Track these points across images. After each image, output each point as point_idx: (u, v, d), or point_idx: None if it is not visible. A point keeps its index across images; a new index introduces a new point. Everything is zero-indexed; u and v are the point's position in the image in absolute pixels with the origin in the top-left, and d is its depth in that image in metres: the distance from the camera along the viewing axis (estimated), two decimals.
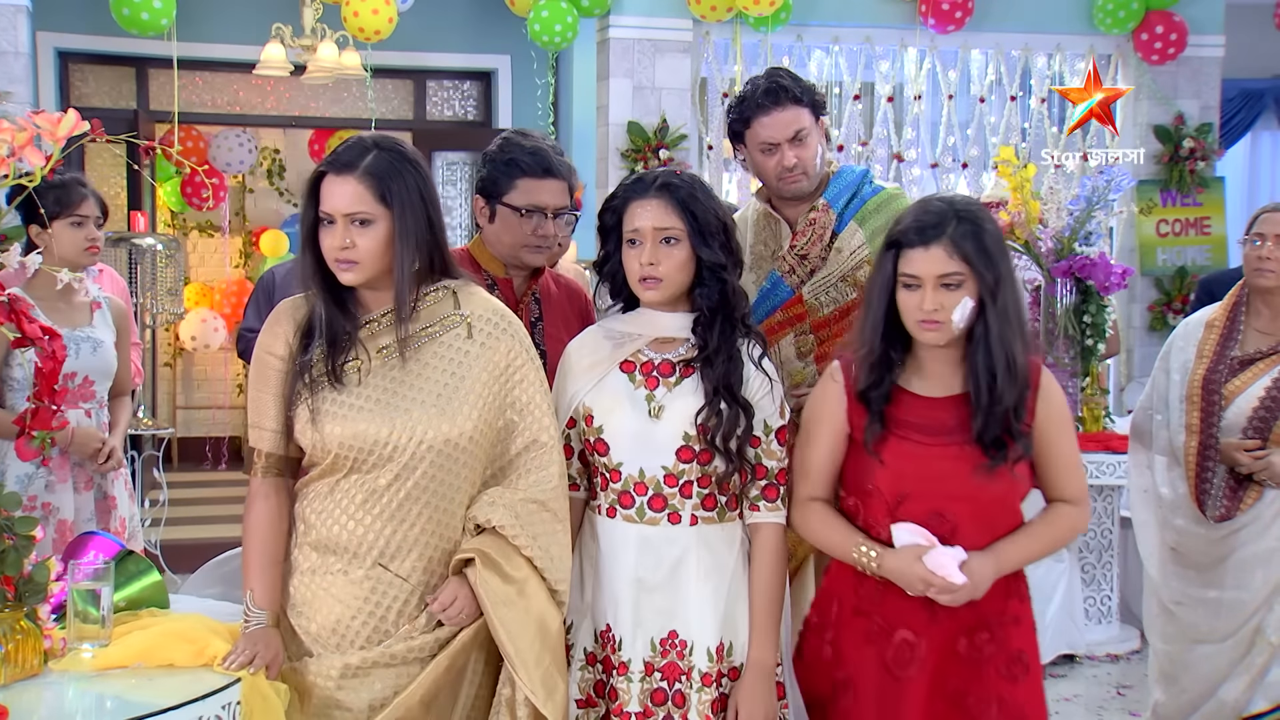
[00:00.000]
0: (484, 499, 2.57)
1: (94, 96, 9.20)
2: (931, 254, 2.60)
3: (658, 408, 2.67)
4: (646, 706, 2.66)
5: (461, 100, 9.84)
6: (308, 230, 2.56)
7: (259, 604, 2.54)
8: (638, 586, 2.67)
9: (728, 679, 2.69)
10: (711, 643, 2.67)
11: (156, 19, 7.06)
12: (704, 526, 2.70)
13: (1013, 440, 2.64)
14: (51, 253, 4.00)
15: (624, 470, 2.68)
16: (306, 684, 2.50)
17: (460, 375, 2.56)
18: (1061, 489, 2.79)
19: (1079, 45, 8.51)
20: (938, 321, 2.60)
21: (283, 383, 2.54)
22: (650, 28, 7.90)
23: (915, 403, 2.71)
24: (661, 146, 7.84)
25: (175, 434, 9.67)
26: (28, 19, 7.33)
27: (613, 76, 7.90)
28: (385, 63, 8.84)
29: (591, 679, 2.72)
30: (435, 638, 2.54)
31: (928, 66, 8.45)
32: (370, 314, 2.58)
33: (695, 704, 2.65)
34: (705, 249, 2.67)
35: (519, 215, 3.10)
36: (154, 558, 6.58)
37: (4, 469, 3.97)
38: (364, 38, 7.41)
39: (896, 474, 2.67)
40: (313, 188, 2.55)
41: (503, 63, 9.39)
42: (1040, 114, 8.62)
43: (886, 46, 8.38)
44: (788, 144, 3.24)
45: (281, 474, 2.58)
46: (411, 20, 8.14)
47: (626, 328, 2.74)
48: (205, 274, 10.70)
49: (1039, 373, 2.73)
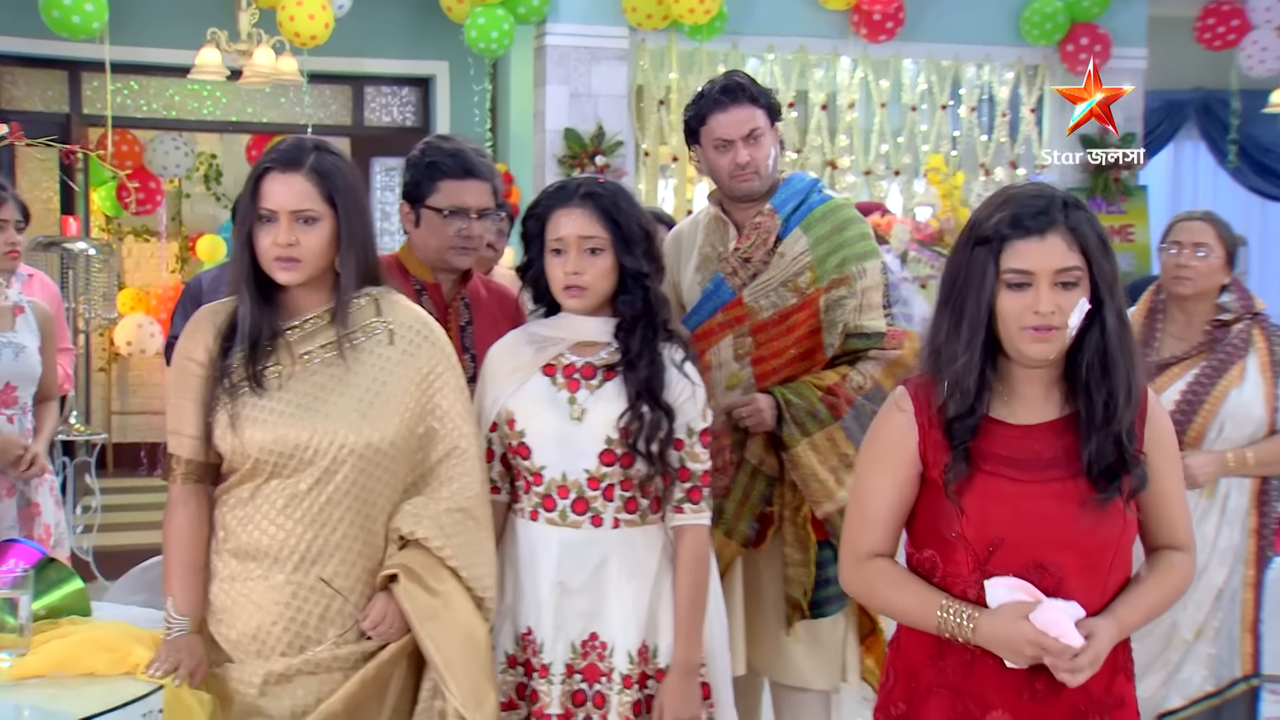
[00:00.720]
0: (408, 510, 2.53)
1: (25, 100, 9.02)
2: (1049, 244, 2.15)
3: (580, 411, 2.65)
4: (567, 708, 2.64)
5: (400, 106, 9.75)
6: (247, 228, 2.50)
7: (180, 611, 2.49)
8: (559, 590, 2.65)
9: (653, 680, 2.67)
10: (633, 645, 2.66)
11: (88, 22, 6.94)
12: (626, 529, 2.67)
13: (1126, 471, 2.19)
14: None
15: (546, 474, 2.65)
16: (229, 691, 2.46)
17: (382, 381, 2.53)
18: (1169, 533, 2.31)
19: (1007, 56, 8.57)
20: (1053, 328, 2.15)
21: (202, 388, 2.49)
22: (587, 35, 7.88)
23: (1004, 432, 2.24)
24: (598, 153, 7.81)
25: (110, 439, 9.50)
26: None
27: (549, 83, 7.86)
28: (323, 68, 8.74)
29: (513, 681, 2.69)
30: (361, 649, 2.51)
31: (860, 76, 8.47)
32: (296, 318, 2.53)
33: (615, 705, 2.64)
34: (628, 257, 2.66)
35: (442, 217, 3.08)
36: (85, 564, 6.48)
37: None
38: (300, 43, 7.33)
39: (986, 518, 2.20)
40: (254, 186, 2.49)
41: (441, 69, 9.30)
42: (970, 123, 8.66)
43: (820, 56, 8.40)
44: (741, 142, 3.23)
45: (201, 480, 2.53)
46: (349, 26, 8.06)
47: (548, 332, 2.71)
48: (141, 279, 10.55)
49: (1144, 390, 2.27)
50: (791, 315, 3.26)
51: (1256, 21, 8.34)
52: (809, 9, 8.19)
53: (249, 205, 2.49)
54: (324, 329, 2.53)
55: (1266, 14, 8.27)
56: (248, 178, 2.53)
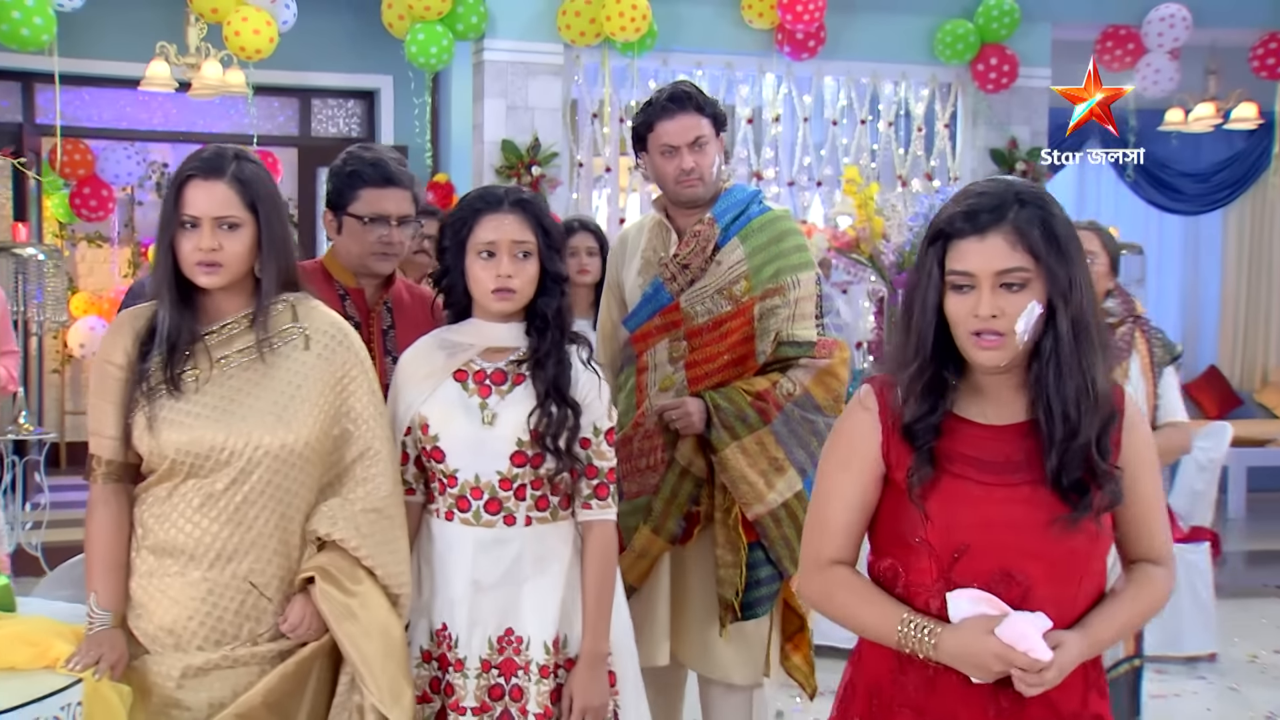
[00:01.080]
0: (324, 513, 2.51)
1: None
2: (989, 244, 1.95)
3: (491, 415, 2.63)
4: (484, 702, 2.62)
5: (345, 118, 9.71)
6: (169, 235, 2.46)
7: (102, 605, 2.46)
8: (474, 587, 2.63)
9: (564, 670, 2.66)
10: (548, 637, 2.64)
11: (37, 35, 6.82)
12: (538, 526, 2.66)
13: (1097, 484, 1.99)
14: None
15: (460, 476, 2.63)
16: (148, 684, 2.43)
17: (297, 385, 2.50)
18: (1147, 546, 2.12)
19: (922, 74, 8.62)
20: (998, 334, 1.95)
21: (121, 391, 2.45)
22: (523, 51, 7.84)
23: (973, 432, 2.05)
24: (534, 164, 7.79)
25: (63, 439, 9.39)
26: None
27: (487, 97, 7.83)
28: (271, 81, 8.68)
29: (427, 676, 2.67)
30: (279, 647, 2.49)
31: (784, 91, 8.50)
32: (215, 323, 2.50)
33: (534, 695, 2.62)
34: (553, 262, 2.66)
35: (363, 224, 3.05)
36: (34, 559, 6.40)
37: None
38: (245, 56, 7.25)
39: (951, 523, 2.00)
40: (176, 194, 2.45)
41: (385, 82, 9.28)
42: (888, 137, 8.70)
43: (746, 72, 8.43)
44: (687, 148, 3.21)
45: (121, 480, 2.50)
46: (296, 40, 8.00)
47: (459, 338, 2.69)
48: (94, 283, 10.40)
49: (1123, 399, 2.07)
50: (725, 322, 3.25)
51: (1150, 45, 8.44)
52: (735, 28, 8.20)
53: (171, 212, 2.45)
54: (242, 334, 2.50)
55: (1159, 39, 8.37)
56: (169, 185, 2.49)
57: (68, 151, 8.74)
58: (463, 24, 7.56)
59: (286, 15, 7.38)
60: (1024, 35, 8.45)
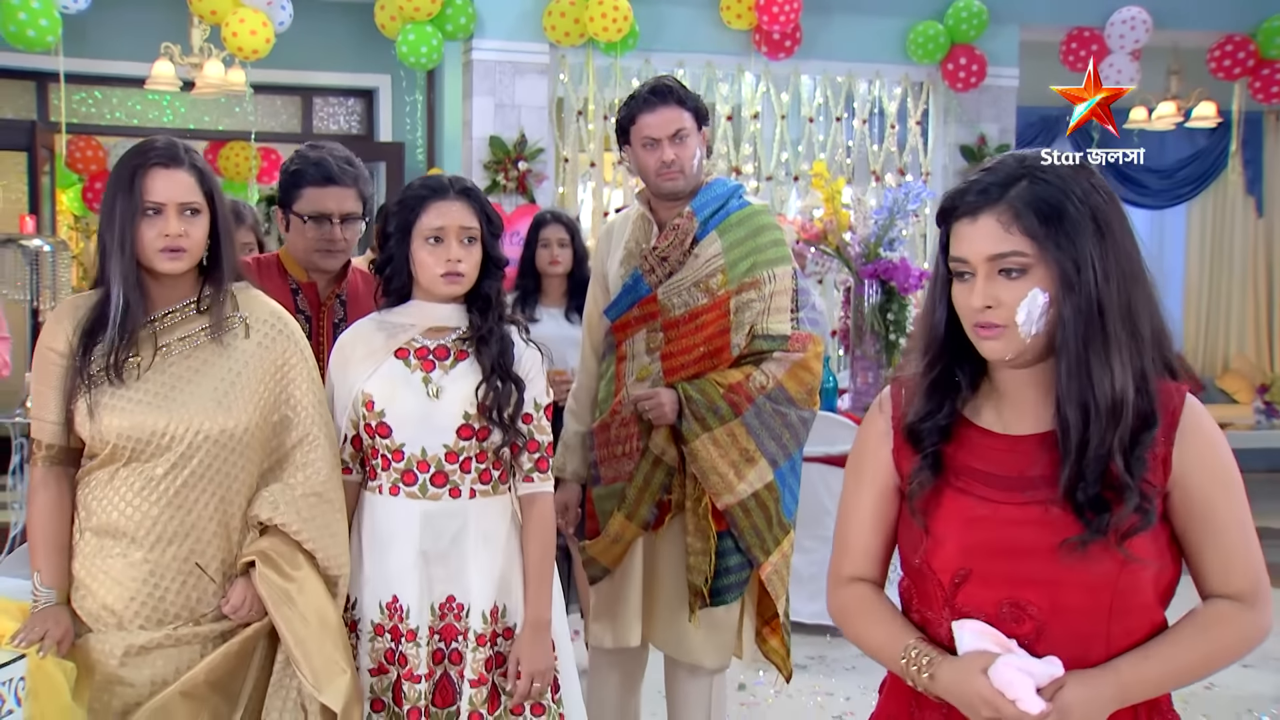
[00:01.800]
0: (266, 498, 2.46)
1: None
2: (980, 227, 1.65)
3: (436, 389, 2.57)
4: (430, 668, 2.57)
5: (346, 115, 9.64)
6: (130, 223, 2.37)
7: (46, 584, 2.41)
8: (422, 558, 2.57)
9: (502, 638, 2.61)
10: (486, 606, 2.59)
11: (43, 35, 6.78)
12: (481, 499, 2.61)
13: (1121, 502, 1.62)
14: None
15: (406, 450, 2.57)
16: (91, 661, 2.37)
17: (237, 372, 2.44)
18: (1220, 580, 1.69)
19: (895, 73, 8.54)
20: (998, 325, 1.65)
21: (63, 377, 2.39)
22: (510, 50, 7.77)
23: (987, 443, 1.73)
24: (520, 159, 7.72)
25: None
26: None
27: (476, 95, 7.76)
28: (273, 80, 8.64)
29: (381, 648, 2.61)
30: (221, 627, 2.44)
31: (762, 90, 8.41)
32: (157, 311, 2.44)
33: (470, 662, 2.57)
34: (495, 247, 2.62)
35: (304, 222, 2.98)
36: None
37: None
38: (244, 56, 7.19)
39: (951, 544, 1.70)
40: (131, 182, 2.37)
41: (383, 81, 9.23)
42: (862, 133, 8.62)
43: (726, 71, 8.34)
44: (668, 141, 3.14)
45: (62, 463, 2.44)
46: (297, 41, 7.96)
47: (400, 319, 2.63)
48: None
49: (1180, 404, 1.67)
50: (701, 315, 3.17)
51: (1113, 46, 8.35)
52: (715, 28, 8.12)
53: (129, 201, 2.37)
54: (185, 321, 2.44)
55: (1121, 40, 8.29)
56: (117, 176, 2.40)
57: (80, 148, 8.71)
58: (451, 25, 7.49)
59: (283, 16, 7.30)
60: (992, 36, 8.36)
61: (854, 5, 8.31)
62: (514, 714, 2.61)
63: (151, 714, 2.35)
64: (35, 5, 6.76)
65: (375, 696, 2.57)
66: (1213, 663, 1.70)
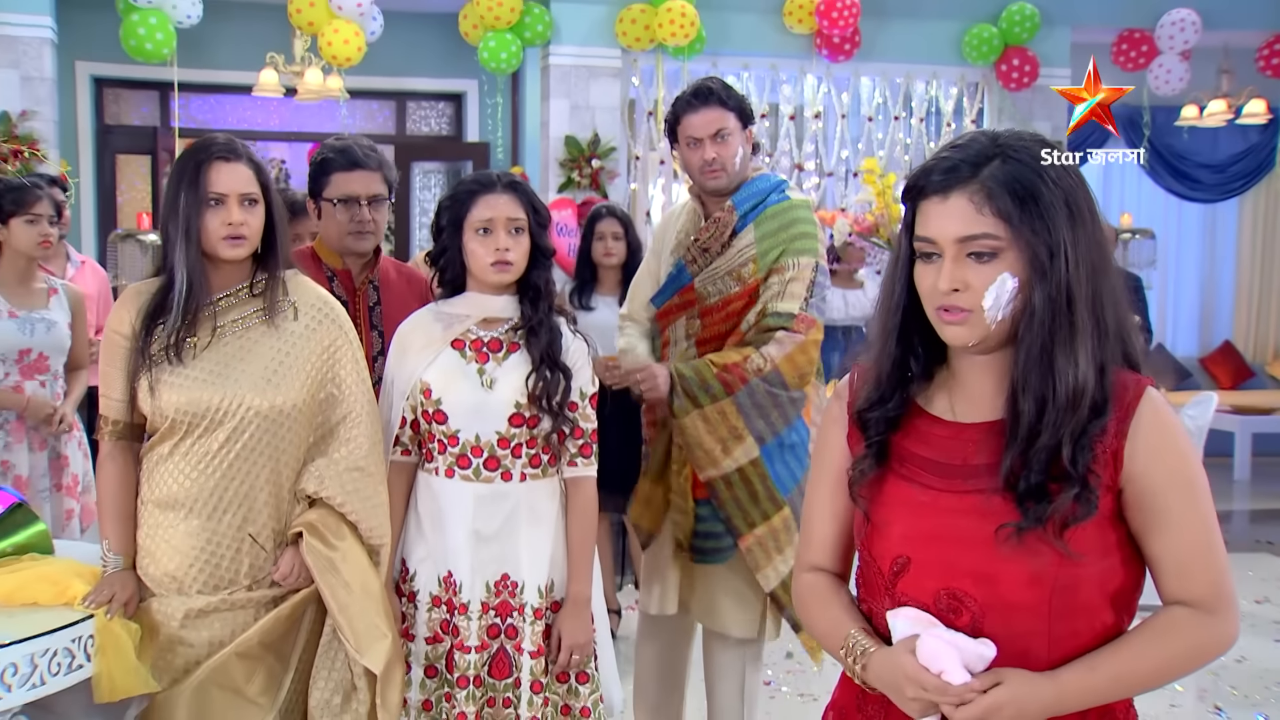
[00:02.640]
0: (312, 473, 2.48)
1: (123, 115, 9.09)
2: (951, 206, 1.46)
3: (489, 380, 2.57)
4: (484, 640, 2.57)
5: (437, 118, 9.71)
6: (195, 213, 2.39)
7: (115, 550, 2.45)
8: (475, 538, 2.57)
9: (551, 612, 2.61)
10: (541, 581, 2.59)
11: (159, 48, 6.94)
12: (531, 482, 2.60)
13: (1062, 491, 1.45)
14: (10, 245, 3.92)
15: (461, 436, 2.57)
16: (155, 623, 2.42)
17: (285, 352, 2.46)
18: (1174, 583, 1.49)
19: (951, 74, 8.40)
20: (963, 310, 1.48)
21: (126, 358, 2.43)
22: (585, 56, 7.78)
23: (933, 429, 1.57)
24: (594, 157, 7.74)
25: None
26: (52, 50, 7.23)
27: (553, 97, 7.78)
28: (370, 86, 8.72)
29: (437, 619, 2.61)
30: (272, 593, 2.47)
31: (824, 91, 8.33)
32: (217, 294, 2.46)
33: (528, 635, 2.57)
34: (543, 237, 2.62)
35: (334, 206, 2.99)
36: None
37: None
38: (338, 64, 7.29)
39: (890, 531, 1.56)
40: (195, 174, 2.40)
41: (471, 86, 9.27)
42: (920, 131, 8.50)
43: (789, 73, 8.27)
44: (710, 140, 3.09)
45: (127, 438, 2.48)
46: (392, 49, 8.05)
47: (455, 310, 2.63)
48: None
49: (1137, 397, 1.48)
50: (732, 302, 3.13)
51: (1163, 47, 8.13)
52: (778, 33, 8.05)
53: (193, 192, 2.38)
54: (239, 305, 2.47)
55: (1171, 41, 8.07)
56: (181, 170, 2.43)
57: None
58: (530, 32, 7.51)
59: (374, 27, 7.39)
60: (1044, 38, 8.19)
61: (911, 9, 8.18)
62: (560, 681, 2.62)
63: (210, 672, 2.39)
64: (152, 21, 6.92)
65: (429, 663, 2.58)
66: (1166, 672, 1.50)
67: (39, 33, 7.13)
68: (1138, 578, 1.54)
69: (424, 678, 2.58)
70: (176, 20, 7.05)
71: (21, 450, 3.90)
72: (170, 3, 6.99)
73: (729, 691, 3.25)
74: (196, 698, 2.39)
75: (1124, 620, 1.54)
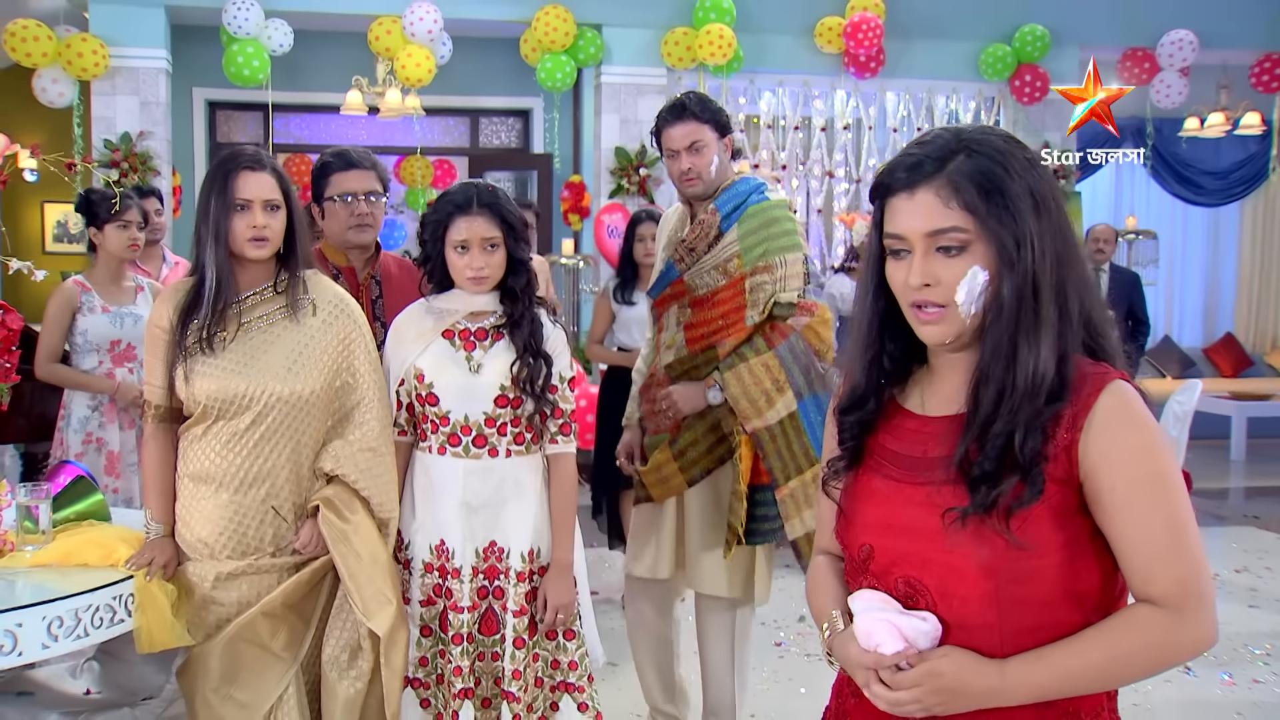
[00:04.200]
0: (330, 453, 2.45)
1: (232, 133, 9.19)
2: (918, 202, 1.33)
3: (476, 365, 2.53)
4: (474, 601, 2.54)
5: (506, 132, 9.70)
6: (223, 218, 2.39)
7: (156, 519, 2.45)
8: (465, 508, 2.53)
9: (536, 575, 2.57)
10: (524, 548, 2.55)
11: (255, 74, 7.01)
12: (515, 458, 2.56)
13: (1011, 477, 1.30)
14: (104, 248, 3.96)
15: (451, 416, 2.53)
16: (189, 584, 2.42)
17: (305, 344, 2.44)
18: (1138, 580, 1.30)
19: (969, 89, 8.20)
20: (938, 305, 1.34)
21: (165, 349, 2.42)
22: (633, 75, 7.71)
23: (905, 423, 1.44)
24: (641, 166, 7.67)
25: None
26: (166, 78, 7.32)
27: (604, 113, 7.72)
28: (447, 104, 8.74)
29: (430, 583, 2.58)
30: (294, 560, 2.45)
31: (852, 104, 8.18)
32: (244, 292, 2.44)
33: (512, 595, 2.54)
34: (517, 249, 2.55)
35: (335, 203, 2.96)
36: None
37: (69, 412, 3.95)
38: (411, 84, 7.29)
39: (856, 519, 1.45)
40: (224, 182, 2.39)
41: (537, 103, 9.24)
42: None
43: (820, 89, 8.13)
44: (685, 152, 3.01)
45: (167, 420, 2.47)
46: (466, 71, 8.07)
47: (445, 305, 2.59)
48: None
49: (1096, 391, 1.31)
50: (720, 293, 3.05)
51: (1164, 64, 7.86)
52: (809, 52, 7.92)
53: (222, 199, 2.38)
54: (263, 302, 2.45)
55: (1170, 59, 7.80)
56: (211, 179, 2.42)
57: (295, 165, 8.95)
58: (583, 54, 7.47)
59: (443, 51, 7.38)
60: (1055, 56, 7.97)
61: (931, 30, 8.00)
62: (548, 638, 2.59)
63: (239, 628, 2.38)
64: (249, 50, 6.98)
65: (425, 624, 2.55)
66: (1123, 670, 1.30)
67: (155, 63, 7.23)
68: (1107, 576, 1.34)
69: (420, 636, 2.55)
70: (270, 48, 7.11)
71: (113, 429, 3.94)
72: (265, 33, 7.05)
73: (719, 652, 3.18)
74: (227, 650, 2.38)
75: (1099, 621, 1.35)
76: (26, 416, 4.36)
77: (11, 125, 8.58)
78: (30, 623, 2.16)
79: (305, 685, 2.47)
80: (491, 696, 2.54)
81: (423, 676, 2.54)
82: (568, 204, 8.22)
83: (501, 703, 2.51)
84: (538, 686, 2.56)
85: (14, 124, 8.60)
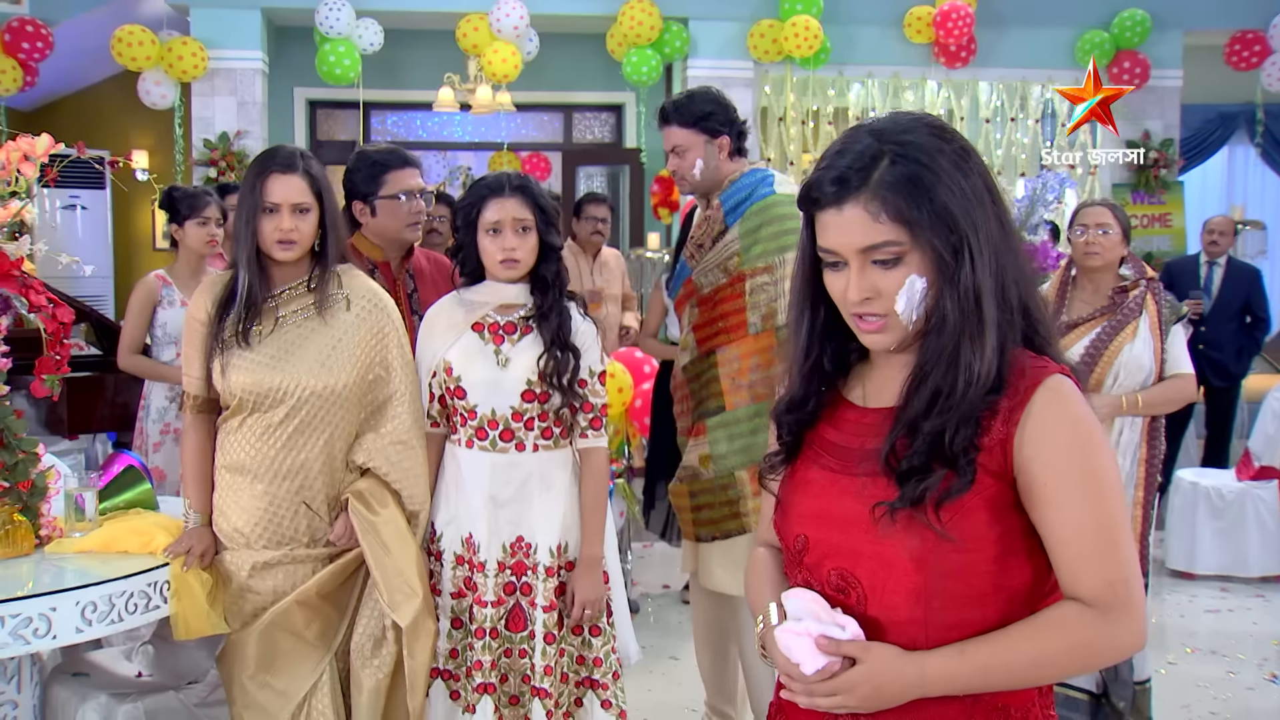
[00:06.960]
0: (362, 446, 2.46)
1: (334, 132, 9.35)
2: (847, 217, 1.26)
3: (505, 359, 2.50)
4: (500, 596, 2.50)
5: (599, 127, 9.67)
6: (254, 218, 2.40)
7: (195, 509, 2.47)
8: (492, 503, 2.50)
9: (565, 570, 2.53)
10: (553, 543, 2.51)
11: (346, 73, 7.13)
12: (543, 453, 2.52)
13: (940, 471, 1.25)
14: (184, 244, 4.05)
15: (479, 410, 2.50)
16: (227, 572, 2.44)
17: (338, 339, 2.44)
18: (1066, 577, 1.25)
19: (1064, 78, 7.85)
20: (879, 317, 1.28)
21: (203, 341, 2.44)
22: (720, 67, 7.60)
23: (844, 414, 1.39)
24: None
25: None
26: (263, 78, 7.50)
27: None
28: (539, 100, 8.76)
29: (461, 576, 2.56)
30: (329, 551, 2.46)
31: (943, 96, 7.95)
32: (278, 288, 2.45)
33: (541, 591, 2.50)
34: (549, 234, 2.51)
35: (396, 200, 2.92)
36: None
37: (149, 403, 4.05)
38: (497, 80, 7.33)
39: (790, 510, 1.39)
40: (256, 184, 2.40)
41: (629, 98, 9.19)
42: (1035, 132, 8.04)
43: (910, 80, 7.92)
44: (671, 155, 2.98)
45: (204, 411, 2.49)
46: (558, 66, 8.06)
47: (476, 297, 2.55)
48: None
49: (1033, 386, 1.25)
50: (721, 291, 2.97)
51: (1276, 46, 7.44)
52: (899, 43, 7.72)
53: (253, 200, 2.40)
54: (298, 297, 2.45)
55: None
56: (248, 178, 2.43)
57: None
58: (669, 48, 7.41)
59: (530, 47, 7.40)
60: (1156, 41, 7.61)
61: (1025, 17, 7.72)
62: (574, 634, 2.54)
63: (275, 616, 2.40)
64: (340, 49, 7.10)
65: (455, 616, 2.53)
66: (1045, 667, 1.25)
67: (251, 64, 7.42)
68: (1039, 575, 1.28)
69: (450, 628, 2.52)
70: (361, 47, 7.22)
71: None
72: (356, 32, 7.15)
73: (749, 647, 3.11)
74: (263, 639, 2.40)
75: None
76: (111, 406, 4.49)
77: (122, 128, 8.90)
78: (64, 607, 2.20)
79: (340, 674, 2.47)
80: (520, 694, 2.50)
81: (453, 668, 2.52)
82: (657, 198, 8.17)
83: (532, 699, 2.47)
84: (563, 682, 2.52)
85: (124, 127, 8.91)
